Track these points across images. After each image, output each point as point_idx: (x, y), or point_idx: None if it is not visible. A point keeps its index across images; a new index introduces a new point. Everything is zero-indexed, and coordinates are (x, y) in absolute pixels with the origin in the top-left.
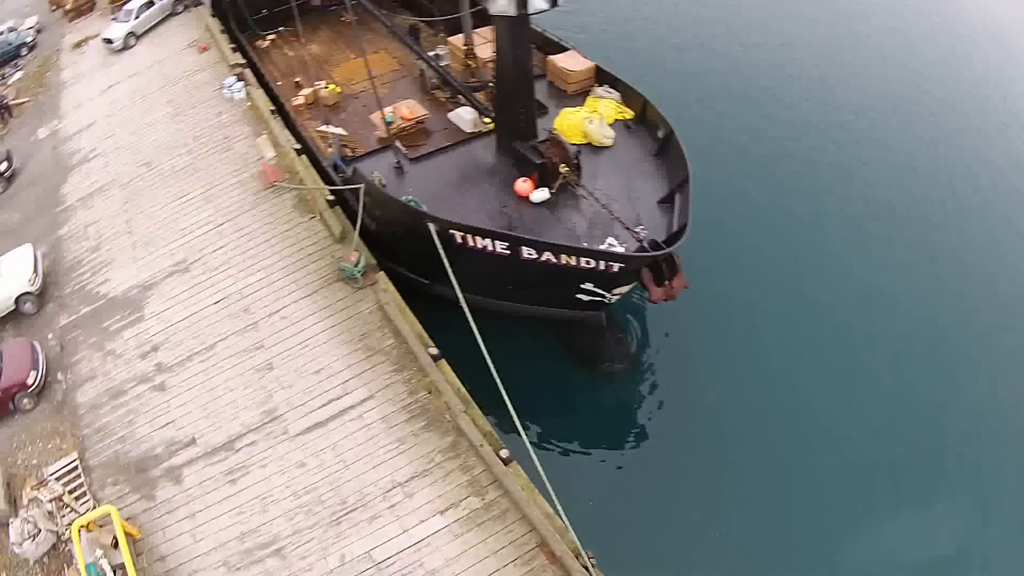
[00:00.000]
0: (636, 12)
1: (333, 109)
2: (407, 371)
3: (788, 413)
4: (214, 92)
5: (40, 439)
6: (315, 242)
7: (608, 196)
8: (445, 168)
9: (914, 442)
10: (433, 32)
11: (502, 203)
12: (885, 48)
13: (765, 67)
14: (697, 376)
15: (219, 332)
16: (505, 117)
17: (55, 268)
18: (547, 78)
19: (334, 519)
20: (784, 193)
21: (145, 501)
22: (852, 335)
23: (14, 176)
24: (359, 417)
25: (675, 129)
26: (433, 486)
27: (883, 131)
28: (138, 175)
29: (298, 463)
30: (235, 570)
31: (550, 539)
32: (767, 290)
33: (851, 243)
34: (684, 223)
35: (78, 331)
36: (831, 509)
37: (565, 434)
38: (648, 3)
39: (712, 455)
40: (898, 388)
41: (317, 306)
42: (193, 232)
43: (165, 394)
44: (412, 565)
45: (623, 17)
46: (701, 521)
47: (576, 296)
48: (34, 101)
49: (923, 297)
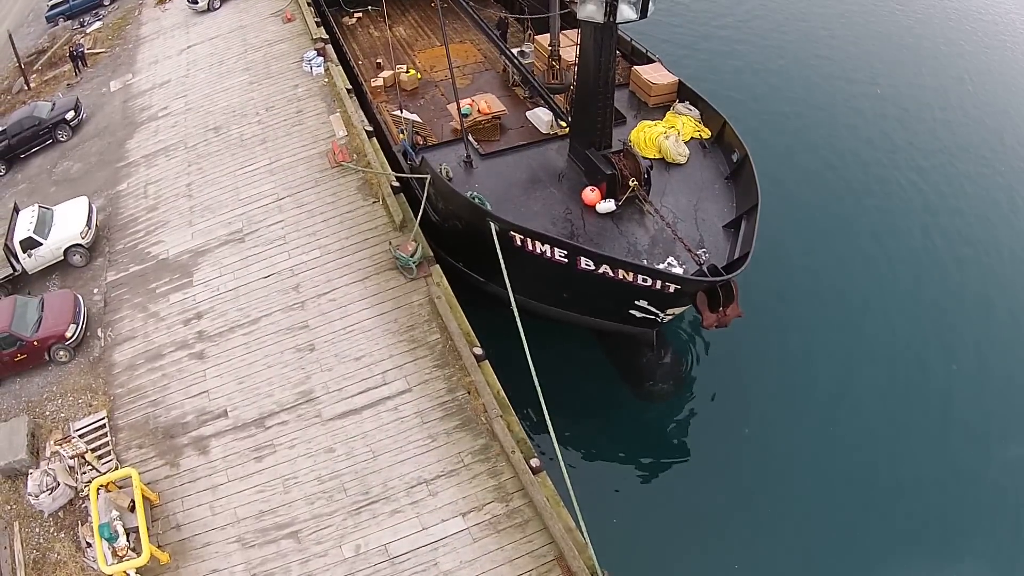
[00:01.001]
0: (725, 28)
1: (411, 94)
2: (449, 368)
3: (830, 455)
4: (293, 64)
5: (71, 393)
6: (374, 228)
7: (674, 215)
8: (514, 167)
9: (957, 497)
10: (521, 29)
11: (567, 209)
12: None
13: (852, 96)
14: (742, 406)
15: (265, 307)
16: (581, 123)
17: (109, 223)
18: (630, 88)
19: (355, 508)
20: (854, 227)
21: (168, 468)
22: (909, 381)
23: (80, 125)
24: (394, 409)
25: (750, 154)
26: (459, 487)
27: (970, 165)
28: (205, 140)
29: (327, 448)
30: (248, 547)
31: (568, 554)
32: (825, 325)
33: (920, 287)
34: (747, 252)
35: (124, 289)
36: (863, 558)
37: (599, 449)
38: (738, 20)
39: (746, 488)
40: (952, 439)
41: (367, 292)
42: (253, 203)
43: (203, 363)
44: (427, 564)
45: (710, 32)
46: (722, 553)
47: (629, 312)
48: (110, 53)
49: (999, 347)
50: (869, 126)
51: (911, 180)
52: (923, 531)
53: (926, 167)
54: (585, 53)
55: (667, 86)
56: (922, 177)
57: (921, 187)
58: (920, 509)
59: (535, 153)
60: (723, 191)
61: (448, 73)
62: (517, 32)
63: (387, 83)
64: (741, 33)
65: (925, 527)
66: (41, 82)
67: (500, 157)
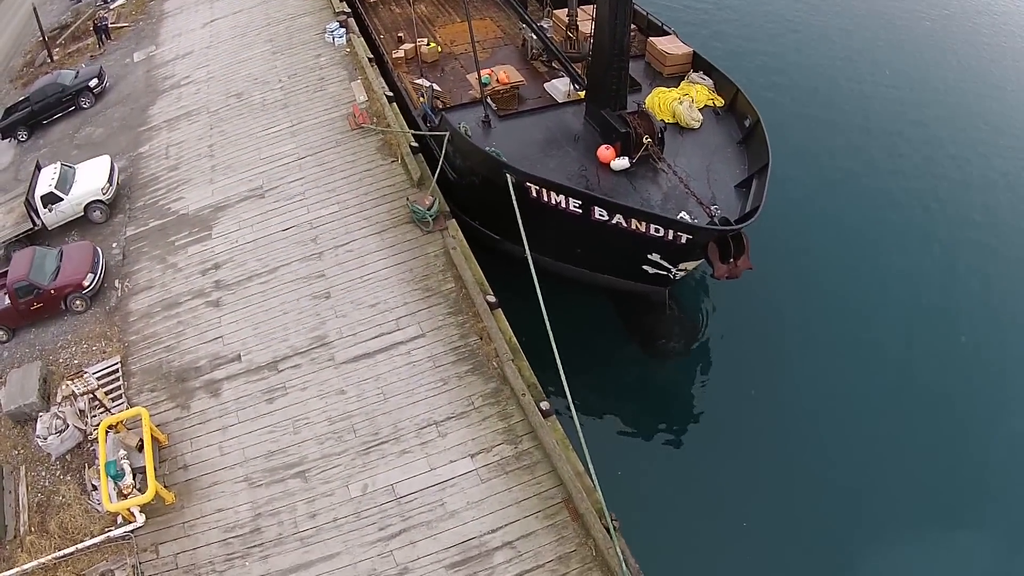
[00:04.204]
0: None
1: (431, 67)
2: (462, 315)
3: (839, 416)
4: (316, 36)
5: (86, 341)
6: (393, 184)
7: (687, 175)
8: (531, 129)
9: (972, 463)
10: (540, 6)
11: (582, 167)
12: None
13: (867, 69)
14: (752, 367)
15: (283, 258)
16: (597, 84)
17: (130, 182)
18: (645, 59)
19: (364, 448)
20: (869, 192)
21: (179, 410)
22: (923, 346)
23: (103, 93)
24: (407, 353)
25: (762, 119)
26: (468, 428)
27: (986, 120)
28: (227, 104)
29: (338, 390)
30: (255, 486)
31: (576, 496)
32: (837, 289)
33: (938, 254)
34: (757, 205)
35: (143, 242)
36: (867, 519)
37: (609, 403)
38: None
39: (753, 447)
40: (965, 407)
41: (384, 244)
42: (274, 162)
43: (219, 310)
44: (433, 504)
45: (727, 4)
46: (725, 509)
47: (642, 267)
48: (134, 27)
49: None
50: (885, 100)
51: (934, 142)
52: (932, 493)
53: (942, 127)
54: (601, 16)
55: (682, 56)
56: (938, 138)
57: (946, 148)
58: (930, 474)
59: (552, 116)
60: (735, 155)
61: (467, 47)
62: (536, 10)
63: (408, 55)
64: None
65: (934, 490)
66: (64, 55)
67: (517, 119)
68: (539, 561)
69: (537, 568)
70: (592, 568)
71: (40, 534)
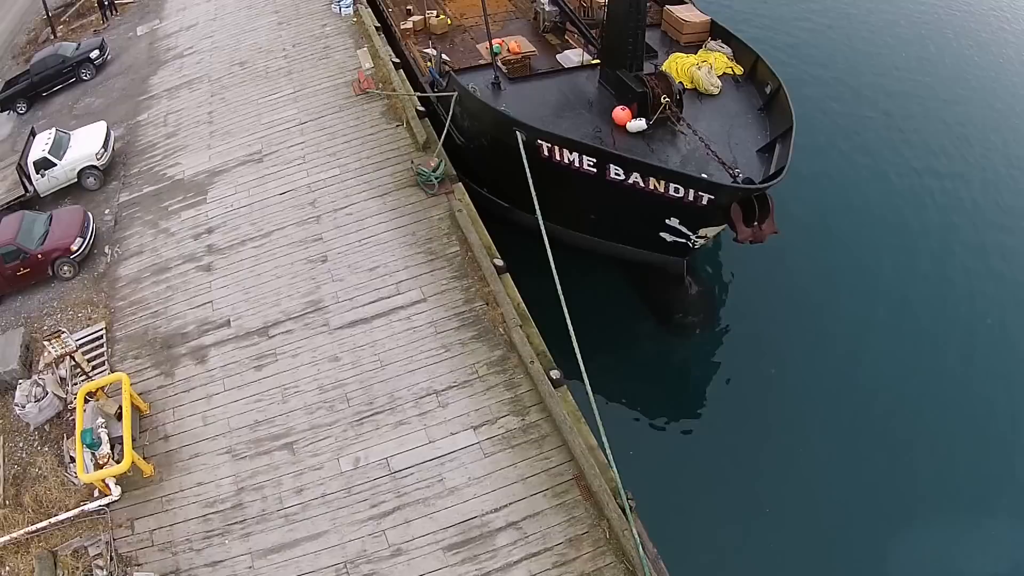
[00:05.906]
0: None
1: (440, 39)
2: (467, 280)
3: (865, 397)
4: (323, 7)
5: (72, 307)
6: (396, 148)
7: (707, 138)
8: (544, 92)
9: (993, 445)
10: None
11: (597, 128)
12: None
13: (889, 45)
14: (773, 344)
15: (279, 221)
16: (612, 45)
17: (127, 150)
18: (662, 28)
19: (357, 419)
20: (895, 164)
21: (163, 378)
22: (953, 328)
23: (104, 65)
24: (407, 319)
25: (784, 85)
26: (471, 399)
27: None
28: (230, 72)
29: (331, 357)
30: (239, 459)
31: (589, 473)
32: (863, 262)
33: (968, 229)
34: (783, 166)
35: (136, 208)
36: (894, 506)
37: (622, 379)
38: None
39: (774, 429)
40: (997, 389)
41: (386, 207)
42: (275, 127)
43: (210, 275)
44: (431, 480)
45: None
46: (746, 493)
47: (659, 235)
48: (139, 2)
49: None
50: (913, 70)
51: (959, 114)
52: (952, 476)
53: (976, 100)
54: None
55: (699, 24)
56: (969, 113)
57: (975, 123)
58: (961, 458)
59: (565, 79)
60: (756, 121)
61: (477, 19)
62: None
63: (416, 27)
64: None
65: (953, 473)
66: (68, 31)
67: (529, 82)
68: (547, 543)
69: (545, 551)
70: (605, 552)
71: (14, 508)
